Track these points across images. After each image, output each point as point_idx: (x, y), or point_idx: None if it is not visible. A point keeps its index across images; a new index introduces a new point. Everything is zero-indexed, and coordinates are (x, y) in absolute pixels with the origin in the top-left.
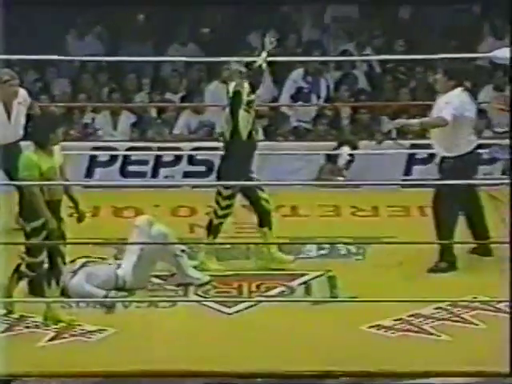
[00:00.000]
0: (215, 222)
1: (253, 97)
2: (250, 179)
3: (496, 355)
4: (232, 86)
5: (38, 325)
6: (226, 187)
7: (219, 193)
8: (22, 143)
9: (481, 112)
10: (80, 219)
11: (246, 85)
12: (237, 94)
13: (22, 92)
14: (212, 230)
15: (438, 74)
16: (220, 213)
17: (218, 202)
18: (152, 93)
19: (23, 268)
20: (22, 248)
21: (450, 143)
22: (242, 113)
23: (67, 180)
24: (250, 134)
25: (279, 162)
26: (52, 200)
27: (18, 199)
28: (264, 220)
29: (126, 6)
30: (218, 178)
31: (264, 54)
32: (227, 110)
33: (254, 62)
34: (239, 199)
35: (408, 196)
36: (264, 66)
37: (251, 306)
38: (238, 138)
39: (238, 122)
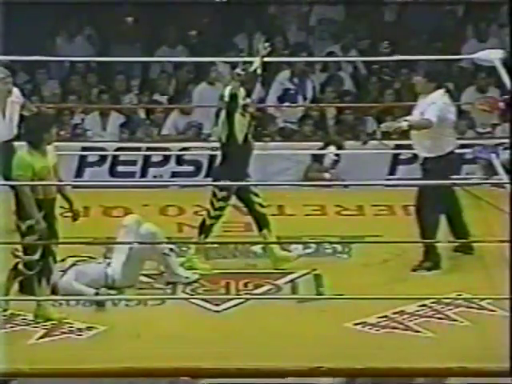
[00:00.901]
0: (208, 222)
1: (248, 100)
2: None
3: (479, 352)
4: (228, 89)
5: (29, 323)
6: (221, 189)
7: (214, 194)
8: (17, 143)
9: (464, 113)
10: (75, 218)
11: (242, 88)
12: (233, 97)
13: (16, 91)
14: (204, 229)
15: (418, 76)
16: (213, 213)
17: (212, 203)
18: (141, 94)
19: (20, 266)
20: (19, 247)
21: (431, 144)
22: (238, 116)
23: (61, 179)
24: (245, 138)
25: (266, 162)
26: (46, 198)
27: (14, 198)
28: (262, 223)
29: (115, 9)
30: (214, 182)
31: (259, 59)
32: (223, 113)
33: (249, 66)
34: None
35: (392, 195)
36: (259, 70)
37: (239, 303)
38: (234, 142)
39: (233, 125)
